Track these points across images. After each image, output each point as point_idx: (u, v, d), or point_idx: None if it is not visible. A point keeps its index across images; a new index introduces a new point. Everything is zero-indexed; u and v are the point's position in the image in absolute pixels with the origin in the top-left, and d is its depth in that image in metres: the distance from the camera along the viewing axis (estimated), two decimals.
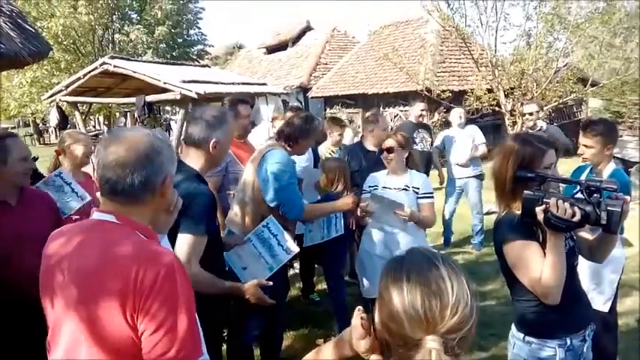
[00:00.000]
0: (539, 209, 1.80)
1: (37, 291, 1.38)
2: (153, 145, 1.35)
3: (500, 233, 2.01)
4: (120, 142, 1.34)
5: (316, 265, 4.89)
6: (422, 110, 5.79)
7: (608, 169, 3.12)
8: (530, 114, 5.43)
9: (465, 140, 5.85)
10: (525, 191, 1.85)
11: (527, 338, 2.02)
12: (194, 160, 2.21)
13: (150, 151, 1.34)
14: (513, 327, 2.10)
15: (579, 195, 1.80)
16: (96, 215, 1.36)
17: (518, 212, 1.93)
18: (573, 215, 1.73)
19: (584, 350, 2.04)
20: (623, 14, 7.97)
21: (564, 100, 8.65)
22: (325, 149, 4.75)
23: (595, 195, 1.75)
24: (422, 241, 3.43)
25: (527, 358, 2.02)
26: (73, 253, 1.31)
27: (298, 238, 3.47)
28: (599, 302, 3.12)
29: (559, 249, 1.83)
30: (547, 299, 1.87)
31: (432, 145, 5.91)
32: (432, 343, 0.95)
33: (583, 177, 3.26)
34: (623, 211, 1.74)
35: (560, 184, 2.37)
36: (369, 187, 3.48)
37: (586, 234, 2.05)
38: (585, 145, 3.10)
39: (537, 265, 1.87)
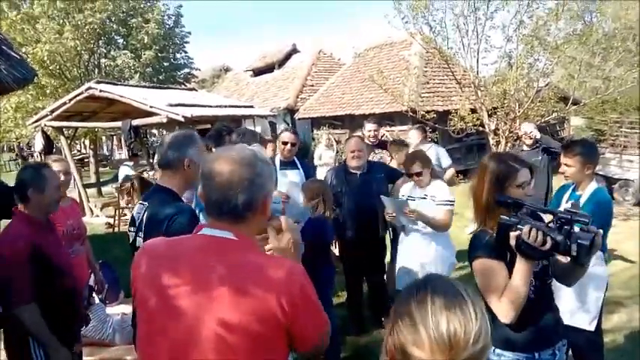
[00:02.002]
0: (512, 234, 1.87)
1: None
2: (255, 166, 1.40)
3: (471, 249, 2.10)
4: (225, 163, 1.38)
5: None
6: (369, 131, 5.55)
7: (590, 187, 3.18)
8: (525, 133, 5.52)
9: None
10: (501, 216, 1.93)
11: (498, 351, 2.08)
12: (170, 181, 2.29)
13: (253, 172, 1.38)
14: None
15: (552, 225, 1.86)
16: (208, 231, 1.40)
17: (491, 231, 2.01)
18: (544, 244, 1.80)
19: None
20: (600, 35, 8.18)
21: (546, 119, 8.79)
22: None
23: (566, 227, 1.81)
24: (447, 248, 3.92)
25: None
26: (200, 269, 1.33)
27: None
28: (585, 321, 3.15)
29: (524, 274, 1.90)
30: (503, 319, 1.94)
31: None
32: None
33: (566, 195, 3.32)
34: (594, 245, 1.79)
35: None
36: (402, 195, 4.09)
37: (562, 258, 2.11)
38: (566, 164, 3.19)
39: (499, 285, 1.94)
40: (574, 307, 3.12)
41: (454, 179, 5.79)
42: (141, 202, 2.32)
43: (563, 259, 2.08)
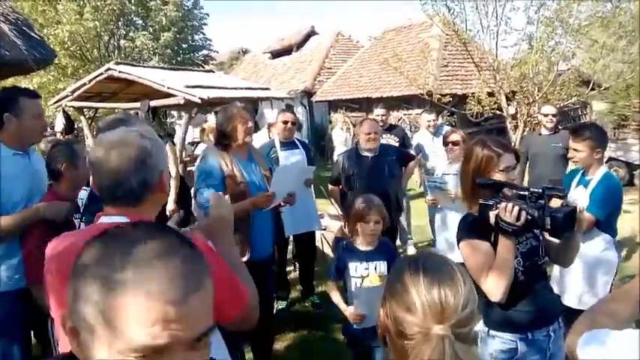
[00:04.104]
0: (492, 213, 1.94)
1: None
2: (143, 146, 1.38)
3: (458, 232, 2.15)
4: (111, 149, 1.36)
5: (316, 268, 4.94)
6: (377, 115, 5.62)
7: (600, 172, 3.16)
8: (546, 115, 5.23)
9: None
10: (481, 199, 2.00)
11: (491, 332, 2.14)
12: None
13: (142, 153, 1.37)
14: (480, 322, 2.20)
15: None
16: (106, 219, 1.38)
17: (476, 214, 2.06)
18: (518, 219, 1.87)
19: (550, 345, 2.14)
20: (628, 17, 7.96)
21: (567, 103, 8.64)
22: None
23: (539, 201, 1.88)
24: None
25: (492, 351, 2.13)
26: None
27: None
28: (580, 301, 3.16)
29: (508, 251, 1.96)
30: (493, 297, 1.99)
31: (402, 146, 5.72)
32: (442, 331, 1.00)
33: (575, 180, 3.30)
34: (572, 218, 1.85)
35: None
36: (436, 174, 4.27)
37: (552, 238, 2.15)
38: (575, 149, 3.17)
39: (485, 265, 1.99)
40: (582, 291, 3.13)
41: None
42: (84, 187, 2.29)
43: (555, 240, 2.12)
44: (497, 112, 8.86)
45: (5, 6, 5.62)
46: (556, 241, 2.14)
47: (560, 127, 5.42)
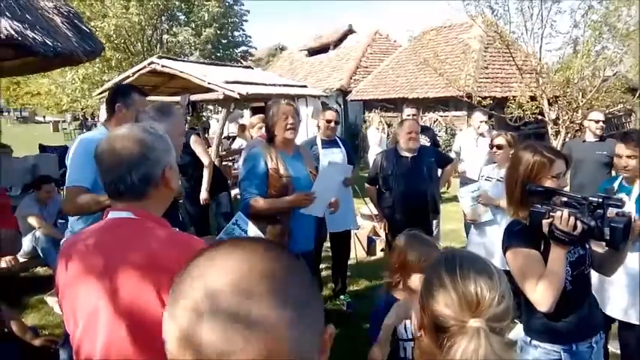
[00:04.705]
0: (545, 222, 1.89)
1: None
2: (143, 140, 1.38)
3: (504, 240, 2.10)
4: (111, 145, 1.38)
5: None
6: (408, 115, 5.43)
7: None
8: (597, 121, 5.03)
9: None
10: (533, 204, 1.94)
11: (534, 342, 2.09)
12: None
13: (142, 147, 1.37)
14: (521, 330, 2.16)
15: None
16: (112, 215, 1.39)
17: (525, 220, 2.01)
18: (575, 229, 1.81)
19: (592, 357, 2.09)
20: None
21: (612, 110, 8.40)
22: None
23: (598, 211, 1.82)
24: None
25: None
26: (104, 251, 1.32)
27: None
28: (636, 316, 3.06)
29: (559, 261, 1.91)
30: (541, 307, 1.93)
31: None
32: (477, 323, 1.03)
33: (614, 189, 3.19)
34: (629, 228, 1.80)
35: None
36: (482, 176, 4.18)
37: (597, 247, 2.10)
38: (627, 156, 3.02)
39: (534, 274, 1.94)
40: (627, 303, 3.03)
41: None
42: None
43: (600, 249, 2.06)
44: (539, 117, 8.67)
45: None
46: (600, 250, 2.10)
47: (604, 135, 5.25)
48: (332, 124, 4.50)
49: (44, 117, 46.03)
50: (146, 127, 1.46)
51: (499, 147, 4.00)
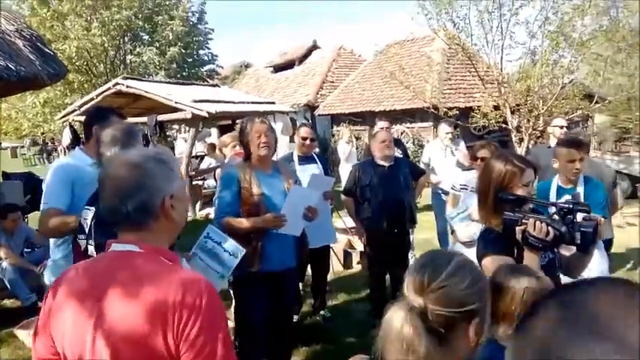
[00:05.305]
0: (518, 229, 1.97)
1: None
2: (141, 167, 1.29)
3: (480, 248, 2.17)
4: (108, 171, 1.32)
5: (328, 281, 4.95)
6: (381, 128, 5.53)
7: (580, 179, 3.32)
8: (561, 127, 5.24)
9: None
10: (505, 212, 2.03)
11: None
12: None
13: (138, 174, 1.28)
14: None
15: (556, 216, 1.97)
16: (115, 247, 1.32)
17: (497, 228, 2.10)
18: (547, 235, 1.90)
19: None
20: (627, 31, 8.07)
21: (570, 116, 8.71)
22: None
23: (568, 216, 1.92)
24: None
25: None
26: (103, 286, 1.25)
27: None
28: None
29: (533, 266, 1.96)
30: None
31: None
32: (416, 303, 1.16)
33: (553, 191, 3.35)
34: (597, 231, 1.91)
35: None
36: (460, 185, 4.11)
37: (565, 250, 2.21)
38: (581, 159, 3.25)
39: None
40: None
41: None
42: (87, 207, 2.22)
43: (567, 253, 2.15)
44: (503, 126, 8.93)
45: (20, 22, 5.73)
46: (566, 253, 2.19)
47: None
48: (307, 141, 4.52)
49: (0, 143, 44.40)
50: (148, 152, 1.38)
51: (483, 159, 3.95)
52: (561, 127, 5.25)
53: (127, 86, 9.45)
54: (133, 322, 1.18)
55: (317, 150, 4.94)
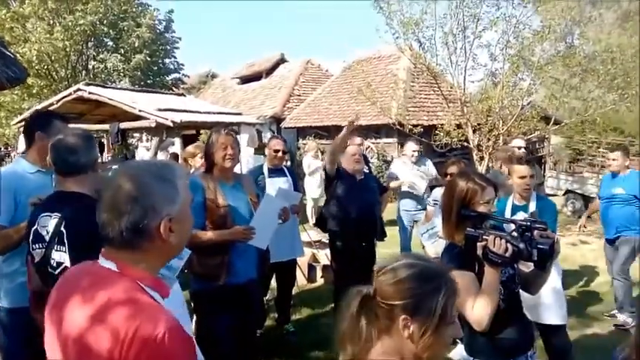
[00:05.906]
0: (479, 245, 2.04)
1: None
2: (140, 183, 1.18)
3: (442, 262, 2.23)
4: (108, 183, 1.23)
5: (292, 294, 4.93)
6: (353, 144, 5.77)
7: (532, 196, 3.55)
8: (519, 148, 5.57)
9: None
10: (467, 229, 2.10)
11: None
12: (81, 186, 2.17)
13: (135, 192, 1.17)
14: (464, 350, 2.31)
15: (515, 233, 2.04)
16: (100, 261, 1.24)
17: (460, 244, 2.17)
18: (506, 251, 1.97)
19: None
20: (581, 57, 8.47)
21: (528, 137, 9.03)
22: None
23: (526, 233, 1.99)
24: None
25: None
26: (74, 299, 1.20)
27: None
28: (560, 316, 3.42)
29: (494, 282, 2.05)
30: (477, 326, 2.07)
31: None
32: (366, 289, 1.37)
33: (508, 209, 3.53)
34: (553, 249, 1.99)
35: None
36: (433, 200, 4.40)
37: (523, 267, 2.29)
38: (531, 176, 3.49)
39: (471, 295, 2.07)
40: (553, 305, 3.40)
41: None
42: (46, 214, 2.10)
43: (525, 269, 2.24)
44: (465, 144, 9.18)
45: None
46: (525, 269, 2.27)
47: (529, 158, 5.68)
48: (279, 153, 4.53)
49: None
50: (150, 167, 1.27)
51: (451, 175, 4.18)
52: (519, 148, 5.51)
53: (90, 92, 9.21)
54: (85, 342, 1.13)
55: (288, 163, 4.95)
